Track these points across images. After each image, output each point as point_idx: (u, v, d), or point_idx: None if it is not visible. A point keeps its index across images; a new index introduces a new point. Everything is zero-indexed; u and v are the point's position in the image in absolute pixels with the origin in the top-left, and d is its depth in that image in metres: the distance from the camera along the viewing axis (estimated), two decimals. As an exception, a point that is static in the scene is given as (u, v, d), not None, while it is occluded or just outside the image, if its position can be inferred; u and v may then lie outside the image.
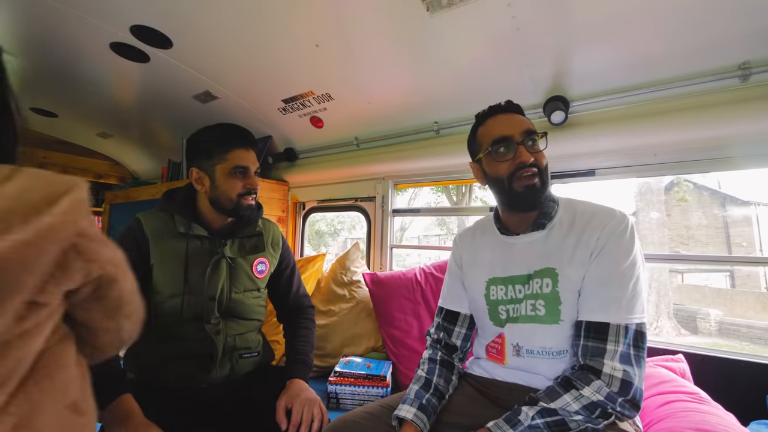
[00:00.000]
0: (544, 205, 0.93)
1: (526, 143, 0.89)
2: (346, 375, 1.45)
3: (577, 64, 1.30)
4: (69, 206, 0.44)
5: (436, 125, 1.76)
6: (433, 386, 0.97)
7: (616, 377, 0.75)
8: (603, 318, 0.80)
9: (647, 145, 1.32)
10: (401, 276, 1.72)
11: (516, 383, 0.92)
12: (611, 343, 0.77)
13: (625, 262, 0.81)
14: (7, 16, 1.52)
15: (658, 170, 1.35)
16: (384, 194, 2.08)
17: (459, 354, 1.07)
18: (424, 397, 0.94)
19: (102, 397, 0.86)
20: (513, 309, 0.94)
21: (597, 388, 0.75)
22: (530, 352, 0.90)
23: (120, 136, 3.02)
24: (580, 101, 1.38)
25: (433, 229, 11.46)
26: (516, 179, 0.89)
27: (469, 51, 1.37)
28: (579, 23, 1.17)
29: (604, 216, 0.87)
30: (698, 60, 1.17)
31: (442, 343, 1.07)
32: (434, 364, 1.02)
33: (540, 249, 0.92)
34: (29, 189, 0.42)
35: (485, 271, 1.00)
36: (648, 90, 1.26)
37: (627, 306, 0.79)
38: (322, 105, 1.90)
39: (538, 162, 0.89)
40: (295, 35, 1.46)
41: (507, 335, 0.94)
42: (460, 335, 1.07)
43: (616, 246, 0.83)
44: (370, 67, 1.58)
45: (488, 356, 0.99)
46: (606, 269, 0.82)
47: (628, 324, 0.78)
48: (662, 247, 7.50)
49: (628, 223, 0.85)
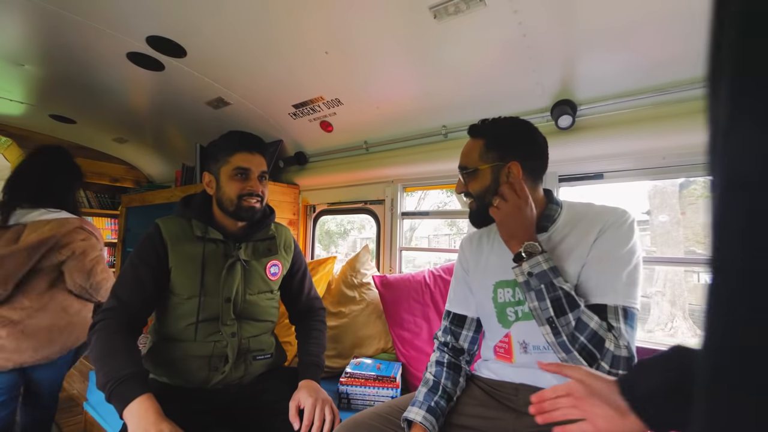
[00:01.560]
0: (546, 208, 0.97)
1: (463, 177, 1.01)
2: (356, 376, 1.48)
3: (585, 69, 1.31)
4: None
5: (444, 129, 1.77)
6: (441, 389, 0.99)
7: (625, 345, 0.77)
8: (600, 300, 0.82)
9: (656, 149, 1.32)
10: (410, 278, 1.75)
11: (523, 383, 0.94)
12: (613, 321, 0.80)
13: (622, 249, 0.84)
14: (30, 28, 1.59)
15: (667, 173, 1.34)
16: (393, 197, 2.10)
17: (466, 357, 1.09)
18: (432, 399, 0.96)
19: (125, 394, 0.91)
20: (521, 310, 0.96)
21: (617, 345, 0.77)
22: (537, 348, 0.92)
23: (135, 141, 3.10)
24: (587, 105, 1.39)
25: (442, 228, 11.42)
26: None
27: (476, 56, 1.39)
28: (586, 28, 1.18)
29: (604, 212, 0.90)
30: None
31: (449, 346, 1.09)
32: (442, 367, 1.04)
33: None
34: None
35: (492, 275, 1.03)
36: (656, 93, 1.26)
37: (624, 291, 0.81)
38: (332, 110, 1.93)
39: (470, 190, 0.99)
40: (305, 43, 1.49)
41: (513, 334, 0.96)
42: (467, 338, 1.09)
43: (614, 233, 0.86)
44: (378, 73, 1.60)
45: (497, 356, 1.00)
46: (604, 254, 0.85)
47: (626, 307, 0.81)
48: (677, 247, 7.36)
49: (629, 216, 0.88)
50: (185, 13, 1.40)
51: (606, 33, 1.17)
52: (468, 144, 1.01)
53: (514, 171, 0.92)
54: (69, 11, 1.43)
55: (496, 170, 0.94)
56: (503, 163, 0.94)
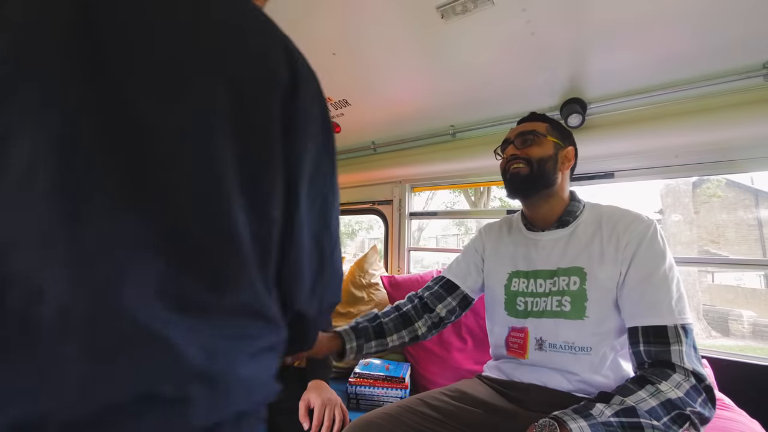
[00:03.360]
0: (568, 205, 0.99)
1: (515, 142, 1.01)
2: (365, 376, 1.48)
3: (594, 66, 1.29)
4: None
5: (452, 129, 1.77)
6: (377, 321, 1.04)
7: (691, 372, 0.73)
8: (658, 321, 0.79)
9: (668, 147, 1.29)
10: (418, 279, 1.74)
11: (533, 384, 0.94)
12: (675, 344, 0.77)
13: (664, 264, 0.82)
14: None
15: (679, 172, 1.32)
16: (401, 198, 2.10)
17: (434, 318, 1.10)
18: (360, 323, 1.02)
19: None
20: (533, 302, 0.96)
21: (675, 384, 0.72)
22: (553, 346, 0.91)
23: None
24: (597, 103, 1.37)
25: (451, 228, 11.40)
26: (506, 171, 1.02)
27: (484, 56, 1.38)
28: (595, 25, 1.17)
29: (631, 220, 0.89)
30: (720, 59, 1.14)
31: (421, 300, 1.12)
32: (394, 310, 1.10)
33: (564, 247, 0.95)
34: None
35: (508, 264, 1.04)
36: (668, 90, 1.24)
37: (677, 307, 0.79)
38: (339, 111, 1.93)
39: (526, 154, 0.98)
40: (313, 45, 1.50)
41: (531, 329, 0.96)
42: (449, 306, 1.10)
43: (650, 249, 0.84)
44: (385, 74, 1.61)
45: (509, 351, 1.00)
46: (646, 272, 0.83)
47: (684, 324, 0.78)
48: (690, 247, 7.23)
49: (656, 227, 0.87)
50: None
51: (617, 29, 1.15)
52: (523, 124, 1.05)
53: (570, 155, 1.00)
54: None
55: (557, 148, 0.99)
56: (564, 145, 1.00)
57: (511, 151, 1.01)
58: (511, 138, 1.04)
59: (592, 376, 0.87)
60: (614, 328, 0.88)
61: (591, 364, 0.87)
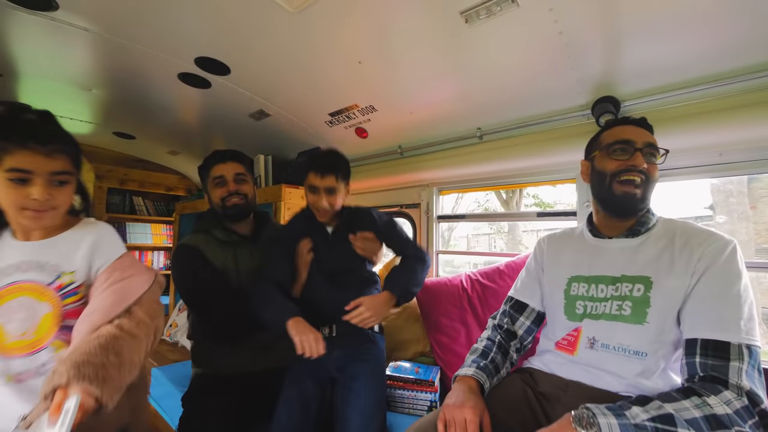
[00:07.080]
0: (643, 215, 0.96)
1: (644, 151, 0.92)
2: (395, 379, 1.50)
3: (627, 63, 1.24)
4: None
5: (479, 131, 1.75)
6: (490, 358, 1.02)
7: (746, 391, 0.69)
8: (722, 336, 0.76)
9: (711, 144, 1.22)
10: (447, 282, 1.74)
11: (576, 381, 0.92)
12: (735, 361, 0.73)
13: (739, 283, 0.79)
14: (97, 57, 1.76)
15: (723, 170, 1.24)
16: (428, 201, 2.10)
17: (517, 344, 1.09)
18: (480, 363, 1.00)
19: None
20: (593, 306, 0.95)
21: (726, 400, 0.69)
22: (606, 346, 0.90)
23: (187, 153, 3.33)
24: (631, 101, 1.32)
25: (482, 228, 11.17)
26: (617, 181, 0.92)
27: (511, 58, 1.36)
28: (628, 19, 1.12)
29: (707, 236, 0.86)
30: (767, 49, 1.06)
31: (503, 328, 1.11)
32: (492, 343, 1.07)
33: (631, 255, 0.93)
34: None
35: (568, 269, 1.04)
36: (710, 85, 1.17)
37: (746, 327, 0.76)
38: (366, 116, 1.96)
39: (648, 172, 0.91)
40: (340, 53, 1.54)
41: (584, 329, 0.95)
42: (524, 326, 1.10)
43: (726, 266, 0.81)
44: (411, 79, 1.62)
45: (557, 347, 0.99)
46: (719, 288, 0.80)
47: (750, 345, 0.74)
48: (747, 245, 6.69)
49: (736, 246, 0.83)
50: (229, 36, 1.49)
51: (651, 21, 1.09)
52: (640, 129, 0.97)
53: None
54: (129, 41, 1.58)
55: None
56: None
57: (638, 160, 0.91)
58: (638, 143, 0.93)
59: (642, 381, 0.85)
60: (672, 340, 0.85)
61: (643, 369, 0.85)
